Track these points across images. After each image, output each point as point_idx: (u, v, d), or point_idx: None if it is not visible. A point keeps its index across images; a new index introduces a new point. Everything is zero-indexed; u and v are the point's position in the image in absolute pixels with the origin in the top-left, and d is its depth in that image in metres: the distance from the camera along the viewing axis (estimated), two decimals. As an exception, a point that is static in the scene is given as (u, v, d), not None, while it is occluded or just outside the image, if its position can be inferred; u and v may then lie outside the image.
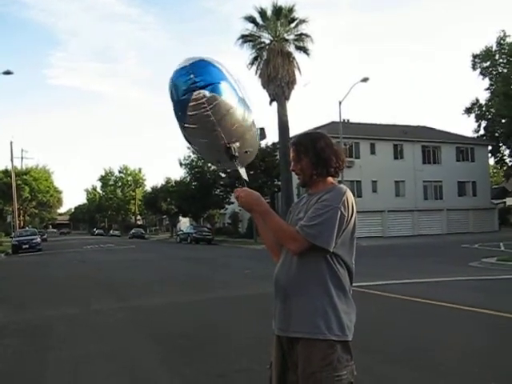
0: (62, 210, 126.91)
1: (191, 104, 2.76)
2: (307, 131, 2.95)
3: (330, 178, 2.82)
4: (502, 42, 56.18)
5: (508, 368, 5.60)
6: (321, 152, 2.77)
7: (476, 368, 5.55)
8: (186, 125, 2.88)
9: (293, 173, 2.94)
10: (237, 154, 3.03)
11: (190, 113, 2.79)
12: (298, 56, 38.91)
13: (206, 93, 2.75)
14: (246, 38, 39.04)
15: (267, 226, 2.78)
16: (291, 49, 38.71)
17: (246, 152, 3.19)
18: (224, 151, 3.00)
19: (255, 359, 5.86)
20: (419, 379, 5.24)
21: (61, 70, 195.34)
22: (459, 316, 8.67)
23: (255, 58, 39.07)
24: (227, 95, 2.84)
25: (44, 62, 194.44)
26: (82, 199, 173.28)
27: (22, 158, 66.62)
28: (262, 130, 3.47)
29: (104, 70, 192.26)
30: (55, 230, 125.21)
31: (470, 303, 9.43)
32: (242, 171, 3.21)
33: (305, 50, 38.80)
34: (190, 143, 3.14)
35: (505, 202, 66.34)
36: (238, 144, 3.01)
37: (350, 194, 2.70)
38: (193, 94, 2.74)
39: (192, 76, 2.74)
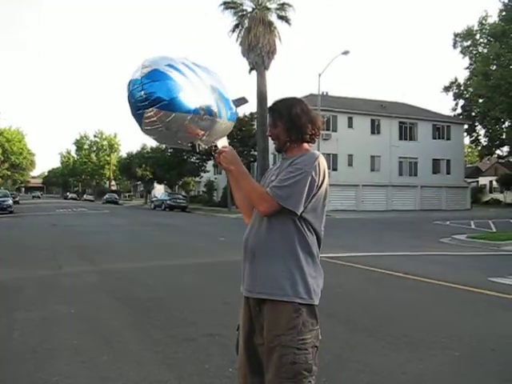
0: (35, 173, 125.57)
1: (145, 121, 2.70)
2: (285, 97, 2.91)
3: (305, 145, 2.80)
4: (483, 21, 56.40)
5: (470, 338, 5.73)
6: (296, 118, 2.74)
7: (442, 338, 5.66)
8: (143, 132, 2.82)
9: (270, 141, 2.91)
10: (201, 147, 2.98)
11: (146, 127, 2.74)
12: (280, 25, 38.63)
13: (157, 111, 2.65)
14: (227, 5, 38.59)
15: (241, 187, 2.77)
16: (273, 18, 38.46)
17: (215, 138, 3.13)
18: (190, 147, 2.95)
19: (224, 324, 5.90)
20: (386, 348, 5.32)
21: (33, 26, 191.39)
22: (428, 289, 8.82)
23: (236, 26, 38.71)
24: (183, 107, 2.72)
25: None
26: (56, 163, 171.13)
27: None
28: (242, 99, 3.35)
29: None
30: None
31: (438, 277, 9.60)
32: (223, 140, 3.13)
33: (286, 20, 38.55)
34: None
35: (478, 181, 67.47)
36: (204, 137, 2.93)
37: (322, 159, 2.69)
38: (145, 111, 2.66)
39: (143, 93, 2.65)
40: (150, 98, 2.64)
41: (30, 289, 8.58)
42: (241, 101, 3.34)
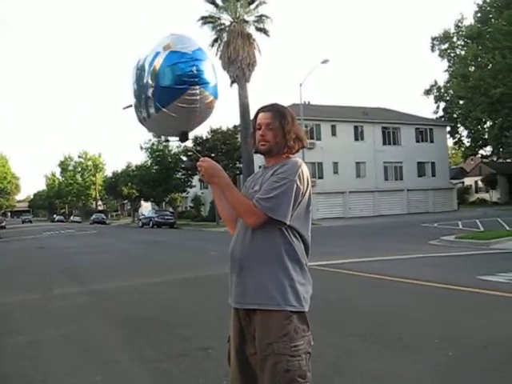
0: (20, 196, 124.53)
1: (185, 97, 2.65)
2: (279, 104, 2.86)
3: (287, 154, 2.80)
4: (459, 24, 57.11)
5: (462, 338, 5.74)
6: (290, 128, 2.74)
7: (435, 339, 5.66)
8: (164, 109, 2.71)
9: (254, 155, 2.89)
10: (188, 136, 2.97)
11: (180, 104, 2.67)
12: (259, 37, 38.74)
13: (205, 92, 2.69)
14: (205, 20, 38.62)
15: (226, 199, 2.75)
16: (251, 30, 38.44)
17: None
18: (179, 134, 2.92)
19: (216, 337, 5.85)
20: (381, 352, 5.31)
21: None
22: (418, 291, 8.84)
23: (215, 40, 38.71)
24: (216, 95, 2.81)
25: None
26: (41, 186, 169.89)
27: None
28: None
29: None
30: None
31: (428, 279, 9.63)
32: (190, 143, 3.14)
33: (265, 32, 38.61)
34: (141, 120, 2.95)
35: (463, 182, 67.96)
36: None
37: (305, 166, 2.70)
38: (190, 87, 2.63)
39: (194, 69, 2.63)
40: (199, 76, 2.64)
41: (19, 313, 8.49)
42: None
